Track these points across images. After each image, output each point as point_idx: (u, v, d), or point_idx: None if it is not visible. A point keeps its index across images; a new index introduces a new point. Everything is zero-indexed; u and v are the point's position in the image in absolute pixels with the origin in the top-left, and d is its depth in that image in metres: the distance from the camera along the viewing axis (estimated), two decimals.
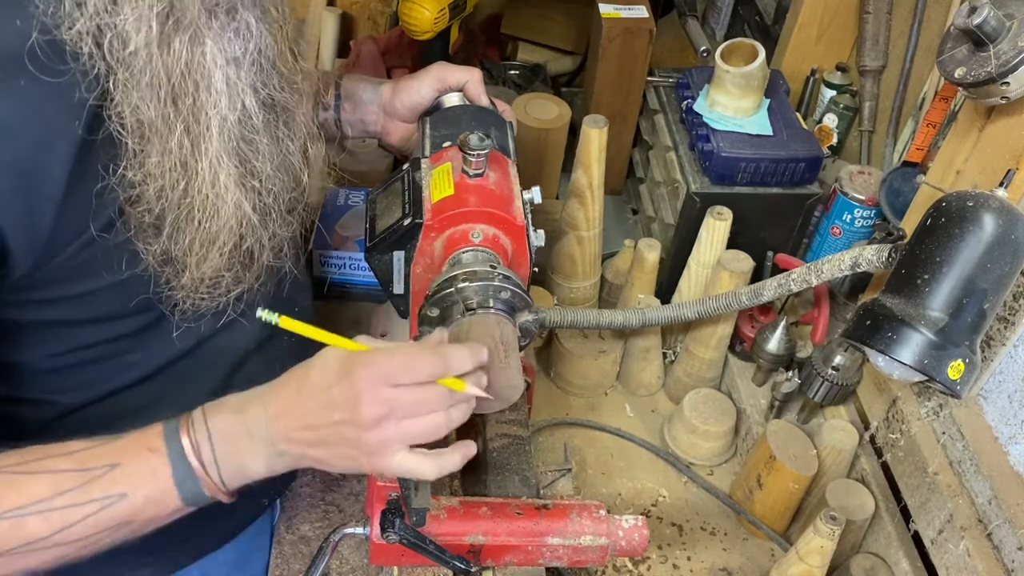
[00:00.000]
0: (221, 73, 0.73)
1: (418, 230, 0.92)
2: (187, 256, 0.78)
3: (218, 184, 0.76)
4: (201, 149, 0.75)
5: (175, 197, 0.75)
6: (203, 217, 0.77)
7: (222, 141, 0.75)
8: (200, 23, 0.71)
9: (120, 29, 0.68)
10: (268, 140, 0.80)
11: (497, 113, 1.10)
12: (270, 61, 0.78)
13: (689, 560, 1.15)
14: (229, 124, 0.75)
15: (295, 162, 0.85)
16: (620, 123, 1.52)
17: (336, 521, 1.14)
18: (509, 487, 0.94)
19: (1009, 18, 0.86)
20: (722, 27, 1.78)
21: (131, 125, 0.72)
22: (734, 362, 1.31)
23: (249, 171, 0.79)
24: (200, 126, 0.74)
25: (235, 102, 0.75)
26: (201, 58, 0.72)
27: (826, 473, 1.13)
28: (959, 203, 0.87)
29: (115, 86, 0.70)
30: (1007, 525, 0.94)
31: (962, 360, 0.87)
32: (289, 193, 0.85)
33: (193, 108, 0.73)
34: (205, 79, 0.73)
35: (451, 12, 1.50)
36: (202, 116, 0.74)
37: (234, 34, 0.73)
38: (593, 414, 1.33)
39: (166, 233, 0.77)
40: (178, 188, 0.75)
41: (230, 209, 0.78)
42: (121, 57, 0.69)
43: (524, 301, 0.90)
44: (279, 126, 0.82)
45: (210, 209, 0.77)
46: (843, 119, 1.47)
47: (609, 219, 1.45)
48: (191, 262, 0.79)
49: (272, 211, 0.83)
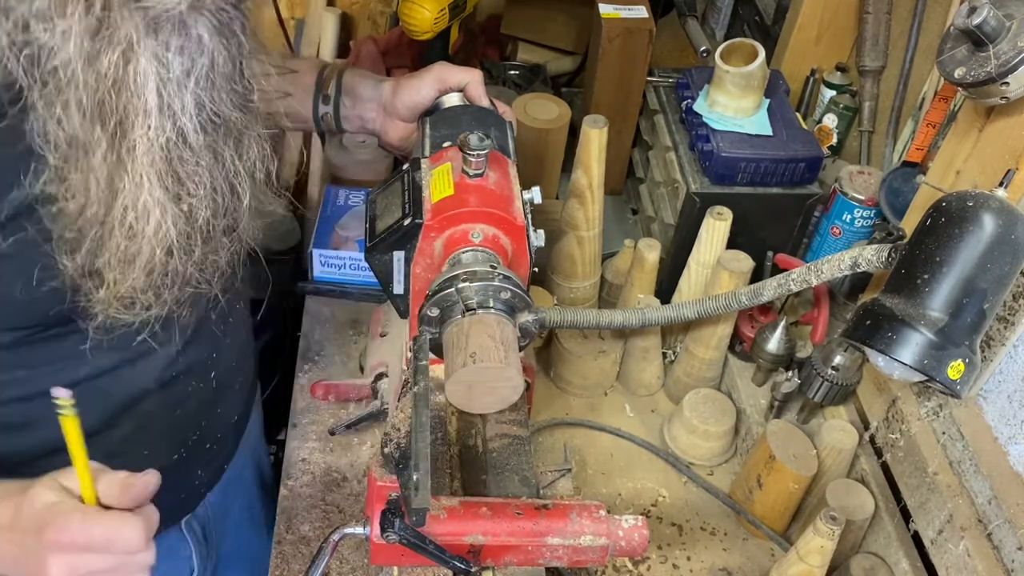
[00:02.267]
0: (155, 92, 0.68)
1: (418, 230, 0.92)
2: (106, 271, 0.75)
3: (141, 204, 0.73)
4: (126, 168, 0.71)
5: (97, 214, 0.72)
6: (124, 236, 0.74)
7: (149, 161, 0.71)
8: (135, 39, 0.66)
9: (44, 43, 0.65)
10: (208, 160, 0.76)
11: (497, 113, 1.10)
12: (224, 77, 0.73)
13: (689, 560, 1.15)
14: (158, 145, 0.71)
15: (239, 184, 0.80)
16: (620, 123, 1.52)
17: (336, 521, 1.14)
18: (509, 487, 0.94)
19: (1009, 18, 0.86)
20: (722, 27, 1.78)
21: (53, 140, 0.69)
22: (734, 362, 1.31)
23: (179, 192, 0.75)
24: (126, 145, 0.70)
25: (167, 123, 0.70)
26: (133, 76, 0.67)
27: (826, 473, 1.13)
28: (959, 203, 0.87)
29: (36, 100, 0.67)
30: (1007, 525, 0.94)
31: (962, 360, 0.87)
32: (227, 215, 0.81)
33: (120, 127, 0.69)
34: (135, 98, 0.68)
35: (451, 12, 1.50)
36: (129, 135, 0.70)
37: (179, 51, 0.68)
38: (593, 414, 1.33)
39: (86, 248, 0.74)
40: (100, 206, 0.72)
41: (152, 229, 0.74)
42: (44, 72, 0.66)
43: (524, 301, 0.90)
44: (225, 145, 0.77)
45: (133, 229, 0.73)
46: (843, 119, 1.47)
47: (609, 219, 1.45)
48: (110, 278, 0.76)
49: (202, 233, 0.79)
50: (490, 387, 0.86)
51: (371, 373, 1.21)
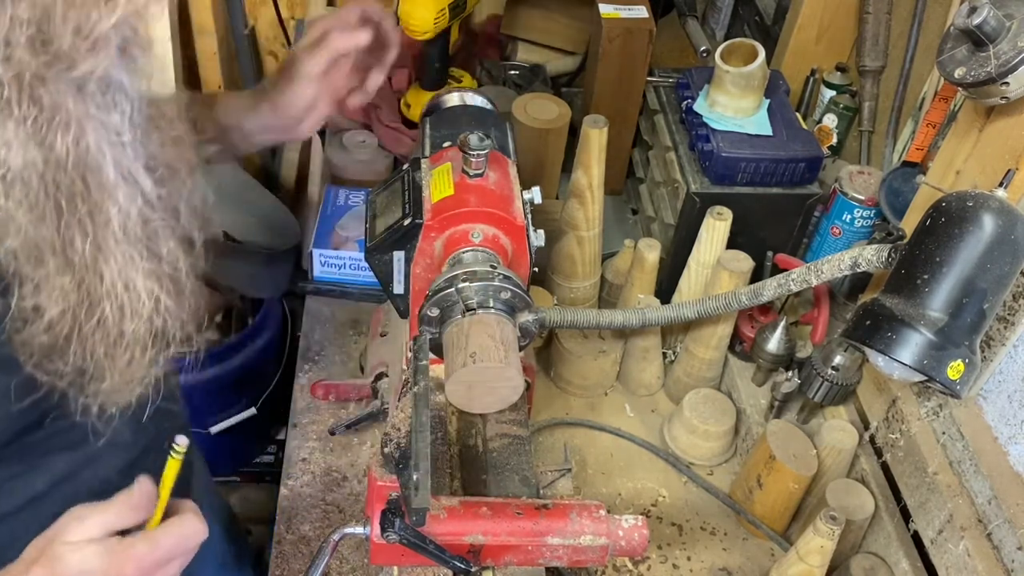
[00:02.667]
0: (111, 162, 0.64)
1: (418, 230, 0.92)
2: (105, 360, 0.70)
3: (130, 282, 0.68)
4: (106, 253, 0.66)
5: (81, 312, 0.67)
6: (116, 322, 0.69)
7: (127, 236, 0.66)
8: (80, 113, 0.60)
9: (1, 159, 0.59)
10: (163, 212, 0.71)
11: (497, 113, 1.10)
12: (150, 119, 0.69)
13: (689, 560, 1.15)
14: (133, 215, 0.66)
15: (187, 224, 0.75)
16: (620, 123, 1.52)
17: (336, 521, 1.14)
18: (509, 487, 0.94)
19: (1009, 18, 0.86)
20: (722, 27, 1.78)
21: (20, 251, 0.62)
22: (734, 362, 1.31)
23: (158, 255, 0.71)
24: (100, 227, 0.65)
25: (131, 188, 0.66)
26: (86, 153, 0.62)
27: (826, 473, 1.13)
28: (959, 203, 0.87)
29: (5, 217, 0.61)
30: (1007, 525, 0.94)
31: (962, 360, 0.87)
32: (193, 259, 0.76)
33: (89, 211, 0.64)
34: (95, 175, 0.63)
35: (451, 12, 1.50)
36: (99, 216, 0.64)
37: (113, 107, 0.63)
38: (593, 414, 1.33)
39: (72, 350, 0.68)
40: (84, 301, 0.66)
41: (146, 303, 0.70)
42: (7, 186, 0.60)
43: (524, 301, 0.90)
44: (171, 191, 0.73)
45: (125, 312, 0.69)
46: (843, 119, 1.47)
47: (609, 219, 1.45)
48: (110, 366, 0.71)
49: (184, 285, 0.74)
50: (490, 387, 0.86)
51: (371, 373, 1.21)
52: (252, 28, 1.93)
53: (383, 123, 1.65)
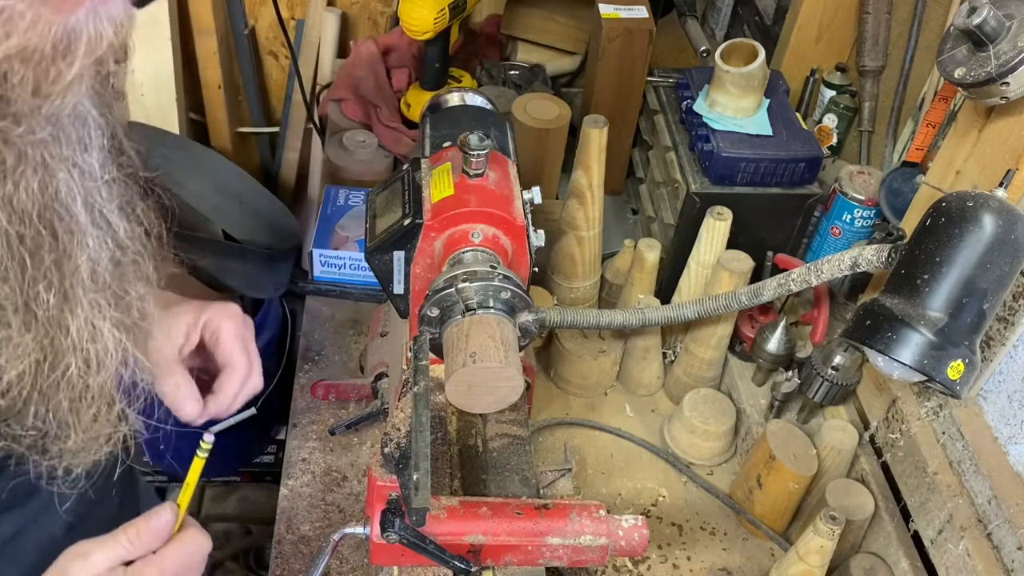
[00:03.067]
0: (82, 205, 0.58)
1: (418, 230, 0.93)
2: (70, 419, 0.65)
3: (96, 333, 0.63)
4: (73, 303, 0.60)
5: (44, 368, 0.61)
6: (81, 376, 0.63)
7: (96, 283, 0.61)
8: (48, 155, 0.55)
9: None
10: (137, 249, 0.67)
11: (497, 113, 1.10)
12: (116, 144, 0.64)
13: (689, 560, 1.15)
14: (104, 260, 0.61)
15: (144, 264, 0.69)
16: (620, 123, 1.52)
17: (336, 521, 1.14)
18: (509, 487, 0.94)
19: (1009, 18, 0.86)
20: (722, 27, 1.78)
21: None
22: (734, 362, 1.31)
23: (127, 302, 0.66)
24: (67, 275, 0.59)
25: (99, 230, 0.61)
26: (53, 198, 0.56)
27: (826, 473, 1.13)
28: (959, 203, 0.87)
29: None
30: (1007, 525, 0.94)
31: (962, 360, 0.87)
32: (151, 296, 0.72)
33: (56, 260, 0.58)
34: (64, 221, 0.57)
35: (451, 12, 1.50)
36: (67, 264, 0.59)
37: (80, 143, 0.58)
38: (593, 414, 1.33)
39: (32, 411, 0.62)
40: (47, 358, 0.61)
41: (113, 355, 0.65)
42: None
43: (524, 301, 0.90)
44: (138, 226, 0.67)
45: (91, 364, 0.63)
46: (843, 119, 1.47)
47: (609, 219, 1.45)
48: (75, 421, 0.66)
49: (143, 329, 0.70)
50: (490, 387, 0.86)
51: (371, 373, 1.21)
52: (252, 28, 1.93)
53: (383, 123, 1.65)
